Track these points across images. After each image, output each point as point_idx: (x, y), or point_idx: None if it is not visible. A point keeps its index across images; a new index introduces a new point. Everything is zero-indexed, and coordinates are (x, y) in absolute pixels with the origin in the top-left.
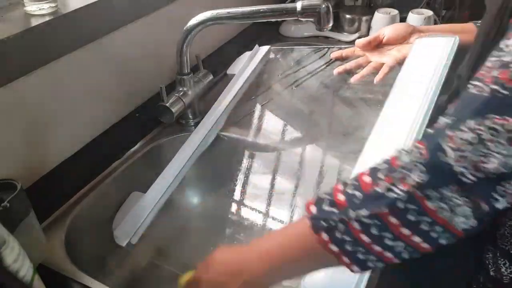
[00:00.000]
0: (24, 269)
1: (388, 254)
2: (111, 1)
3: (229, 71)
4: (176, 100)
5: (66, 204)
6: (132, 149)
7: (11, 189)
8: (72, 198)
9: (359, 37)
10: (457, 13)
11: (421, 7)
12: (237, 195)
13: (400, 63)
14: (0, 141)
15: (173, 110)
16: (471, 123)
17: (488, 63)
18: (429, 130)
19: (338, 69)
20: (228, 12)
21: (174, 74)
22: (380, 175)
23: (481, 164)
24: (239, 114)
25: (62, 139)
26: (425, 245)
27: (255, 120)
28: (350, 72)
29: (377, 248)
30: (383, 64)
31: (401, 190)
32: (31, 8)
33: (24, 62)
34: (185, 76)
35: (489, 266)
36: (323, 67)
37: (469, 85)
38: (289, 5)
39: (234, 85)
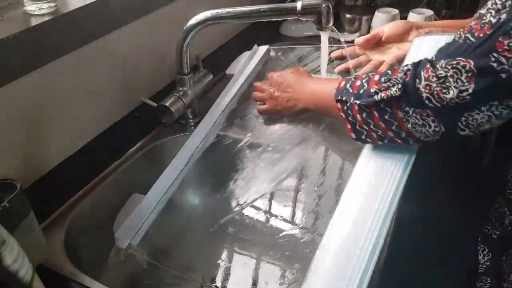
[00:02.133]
0: (24, 269)
1: (373, 134)
2: (111, 1)
3: (228, 71)
4: (176, 100)
5: (66, 204)
6: (132, 149)
7: (11, 189)
8: (72, 198)
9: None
10: (457, 13)
11: (422, 7)
12: (237, 195)
13: (400, 61)
14: (0, 141)
15: (173, 110)
16: (443, 62)
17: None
18: (423, 58)
19: (338, 67)
20: (228, 12)
21: (174, 74)
22: (381, 79)
23: (441, 94)
24: (239, 114)
25: (62, 139)
26: (398, 141)
27: (254, 120)
28: (350, 71)
29: (365, 127)
30: (383, 62)
31: (381, 96)
32: (30, 7)
33: (24, 62)
34: (185, 76)
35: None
36: None
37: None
38: (289, 5)
39: (233, 85)
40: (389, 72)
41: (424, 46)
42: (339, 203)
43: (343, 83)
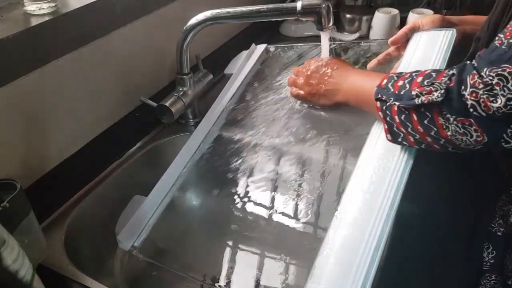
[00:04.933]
0: (24, 269)
1: (411, 138)
2: (111, 1)
3: (226, 71)
4: (176, 100)
5: (66, 204)
6: (132, 149)
7: (11, 189)
8: (72, 198)
9: (360, 37)
10: (457, 13)
11: (422, 7)
12: (238, 193)
13: None
14: (0, 141)
15: (173, 110)
16: (486, 70)
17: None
18: (467, 63)
19: (370, 64)
20: (228, 12)
21: (174, 74)
22: (424, 82)
23: (488, 102)
24: (238, 114)
25: (62, 139)
26: (436, 146)
27: (254, 119)
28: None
29: (403, 130)
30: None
31: (422, 100)
32: (30, 7)
33: (24, 62)
34: (185, 76)
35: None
36: None
37: (496, 37)
38: (289, 5)
39: (231, 85)
40: (434, 74)
41: (422, 42)
42: (341, 200)
43: (385, 81)
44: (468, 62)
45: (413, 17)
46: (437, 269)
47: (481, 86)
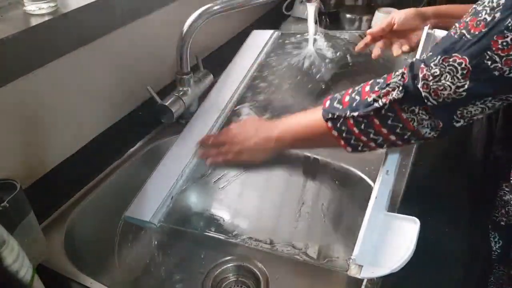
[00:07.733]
0: (24, 269)
1: (372, 144)
2: (111, 1)
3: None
4: (176, 100)
5: (66, 204)
6: (132, 149)
7: (11, 189)
8: (72, 198)
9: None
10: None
11: (422, 7)
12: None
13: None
14: (0, 141)
15: (173, 110)
16: (440, 58)
17: (469, 10)
18: (414, 59)
19: (358, 47)
20: (222, 1)
21: (174, 74)
22: (374, 88)
23: (439, 91)
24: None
25: (62, 139)
26: (399, 143)
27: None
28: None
29: (364, 138)
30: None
31: (383, 102)
32: (30, 7)
33: (24, 62)
34: (185, 76)
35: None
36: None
37: (452, 27)
38: None
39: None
40: (381, 79)
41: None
42: None
43: (328, 102)
44: (415, 58)
45: (378, 16)
46: (444, 261)
47: (431, 78)
